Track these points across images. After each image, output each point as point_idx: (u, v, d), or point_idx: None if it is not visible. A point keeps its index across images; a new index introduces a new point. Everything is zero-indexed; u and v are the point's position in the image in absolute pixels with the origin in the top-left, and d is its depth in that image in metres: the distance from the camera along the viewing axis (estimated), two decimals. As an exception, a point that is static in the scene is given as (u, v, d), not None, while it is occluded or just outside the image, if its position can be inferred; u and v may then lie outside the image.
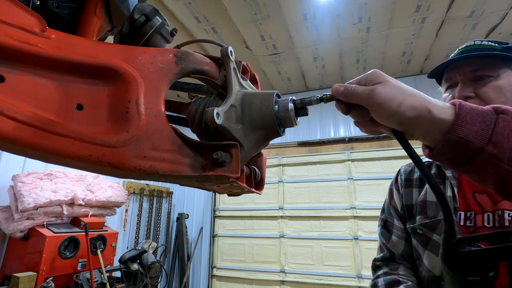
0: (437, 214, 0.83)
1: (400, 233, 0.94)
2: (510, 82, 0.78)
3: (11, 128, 0.28)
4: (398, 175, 1.00)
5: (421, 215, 0.86)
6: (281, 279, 4.09)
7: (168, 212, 4.88)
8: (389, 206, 1.01)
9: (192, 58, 0.45)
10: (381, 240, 0.99)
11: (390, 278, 0.86)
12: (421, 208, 0.87)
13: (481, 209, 0.77)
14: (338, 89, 0.48)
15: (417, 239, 0.87)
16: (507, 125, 0.41)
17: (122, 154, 0.34)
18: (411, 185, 0.94)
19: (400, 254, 0.93)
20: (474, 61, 0.81)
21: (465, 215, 0.79)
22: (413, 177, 0.95)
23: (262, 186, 0.55)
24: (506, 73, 0.78)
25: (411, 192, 0.93)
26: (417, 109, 0.44)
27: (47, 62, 0.32)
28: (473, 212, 0.78)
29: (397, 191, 0.98)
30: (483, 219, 0.76)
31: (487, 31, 3.27)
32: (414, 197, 0.91)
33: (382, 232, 1.00)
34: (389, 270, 0.90)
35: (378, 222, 1.03)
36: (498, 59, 0.79)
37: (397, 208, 0.97)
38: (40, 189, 2.55)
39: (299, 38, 3.42)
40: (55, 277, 2.49)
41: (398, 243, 0.94)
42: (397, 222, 0.96)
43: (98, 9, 0.49)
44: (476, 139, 0.41)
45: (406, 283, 0.82)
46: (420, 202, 0.88)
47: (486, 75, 0.79)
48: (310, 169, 4.40)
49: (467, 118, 0.42)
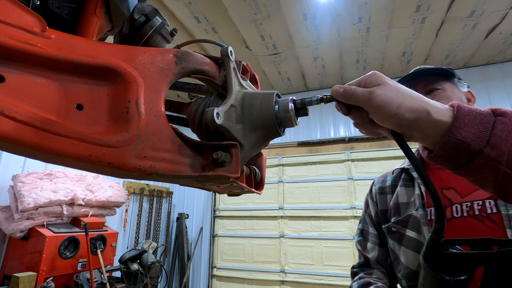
0: (408, 211, 0.92)
1: (374, 239, 1.04)
2: (454, 93, 0.95)
3: (11, 128, 0.28)
4: (372, 186, 1.12)
5: (395, 216, 0.96)
6: (281, 279, 4.09)
7: (168, 212, 4.87)
8: (365, 215, 1.11)
9: (192, 58, 0.45)
10: (358, 248, 1.08)
11: (363, 281, 0.94)
12: (394, 210, 0.97)
13: (449, 202, 0.86)
14: (337, 91, 0.48)
15: (392, 238, 0.95)
16: (505, 127, 0.41)
17: (122, 154, 0.34)
18: (385, 192, 1.05)
19: (375, 259, 1.01)
20: (426, 78, 0.98)
21: (434, 210, 0.84)
22: (386, 185, 1.06)
23: (262, 186, 0.55)
24: (449, 86, 0.96)
25: (385, 198, 1.03)
26: (416, 111, 0.44)
27: (47, 62, 0.32)
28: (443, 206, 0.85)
29: (372, 200, 1.08)
30: (452, 211, 0.85)
31: (487, 31, 3.27)
32: (388, 202, 1.02)
33: (359, 240, 1.09)
34: (364, 274, 0.98)
35: (356, 232, 1.13)
36: (441, 75, 0.97)
37: (372, 215, 1.07)
38: (40, 189, 2.55)
39: (299, 38, 3.42)
40: (55, 277, 2.48)
41: (373, 249, 1.03)
42: (372, 229, 1.06)
43: (98, 9, 0.49)
44: (474, 141, 0.41)
45: (377, 284, 0.90)
46: (393, 205, 0.98)
47: (435, 88, 0.95)
48: (310, 169, 4.39)
49: (465, 120, 0.42)
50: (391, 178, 1.06)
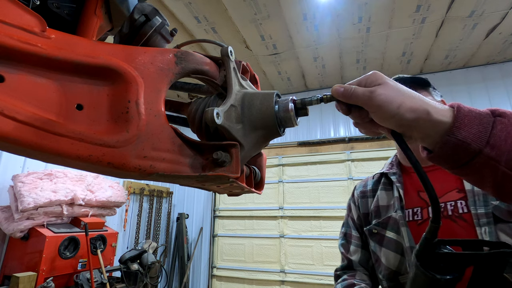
0: (387, 213, 0.96)
1: (357, 242, 1.07)
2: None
3: (11, 128, 0.28)
4: (354, 191, 1.15)
5: (375, 218, 1.00)
6: (281, 279, 4.09)
7: (168, 212, 4.87)
8: (348, 219, 1.13)
9: (192, 58, 0.45)
10: (341, 251, 1.11)
11: (346, 283, 0.96)
12: (375, 212, 1.01)
13: (426, 204, 0.90)
14: (338, 90, 0.48)
15: (373, 240, 0.98)
16: (504, 128, 0.41)
17: (122, 154, 0.34)
18: (366, 196, 1.08)
19: (358, 261, 1.04)
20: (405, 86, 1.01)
21: (412, 211, 0.92)
22: (367, 189, 1.09)
23: (262, 186, 0.54)
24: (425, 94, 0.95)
25: (366, 201, 1.07)
26: (416, 111, 0.44)
27: (47, 62, 0.32)
28: (419, 208, 0.91)
29: (354, 204, 1.12)
30: (428, 212, 0.88)
31: (487, 31, 3.27)
32: (369, 205, 1.05)
33: (342, 243, 1.11)
34: (347, 276, 1.01)
35: (339, 236, 1.15)
36: (418, 84, 0.98)
37: (354, 219, 1.10)
38: (40, 189, 2.55)
39: (299, 38, 3.42)
40: (55, 277, 2.48)
41: (356, 251, 1.05)
42: (354, 232, 1.09)
43: (98, 9, 0.49)
44: (474, 141, 0.41)
45: (360, 285, 0.93)
46: (374, 208, 1.02)
47: None
48: (310, 169, 4.39)
49: (465, 120, 0.43)
50: (371, 182, 1.10)
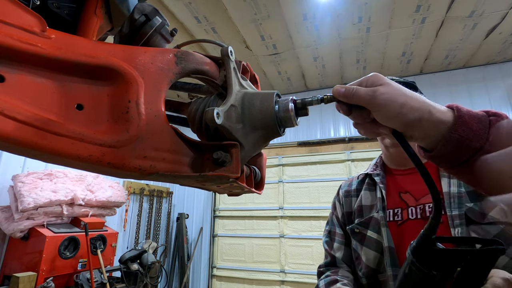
0: (370, 213, 0.98)
1: (340, 239, 1.09)
2: None
3: (11, 128, 0.28)
4: (339, 189, 1.17)
5: (358, 218, 1.02)
6: (281, 279, 4.09)
7: (168, 212, 4.87)
8: (333, 217, 1.16)
9: (192, 58, 0.45)
10: (325, 248, 1.13)
11: (329, 279, 0.98)
12: (358, 212, 1.03)
13: (406, 205, 0.94)
14: (339, 90, 0.48)
15: (355, 238, 1.01)
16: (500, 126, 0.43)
17: (123, 154, 0.34)
18: (350, 195, 1.11)
19: (340, 258, 1.06)
20: None
21: (393, 212, 0.95)
22: (352, 188, 1.12)
23: (262, 186, 0.54)
24: None
25: (350, 200, 1.09)
26: (419, 110, 0.44)
27: (47, 62, 0.32)
28: (400, 208, 0.95)
29: (339, 203, 1.14)
30: (408, 213, 0.92)
31: (487, 31, 3.27)
32: (353, 204, 1.08)
33: (326, 241, 1.13)
34: (330, 273, 1.03)
35: (323, 233, 1.18)
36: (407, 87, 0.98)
37: (339, 217, 1.12)
38: (40, 189, 2.55)
39: (299, 38, 3.42)
40: (55, 277, 2.48)
41: (339, 248, 1.08)
42: (338, 229, 1.11)
43: (98, 9, 0.49)
44: (476, 138, 0.43)
45: (343, 281, 0.95)
46: (357, 207, 1.04)
47: None
48: (310, 169, 4.39)
49: (466, 118, 0.44)
50: (356, 182, 1.12)
